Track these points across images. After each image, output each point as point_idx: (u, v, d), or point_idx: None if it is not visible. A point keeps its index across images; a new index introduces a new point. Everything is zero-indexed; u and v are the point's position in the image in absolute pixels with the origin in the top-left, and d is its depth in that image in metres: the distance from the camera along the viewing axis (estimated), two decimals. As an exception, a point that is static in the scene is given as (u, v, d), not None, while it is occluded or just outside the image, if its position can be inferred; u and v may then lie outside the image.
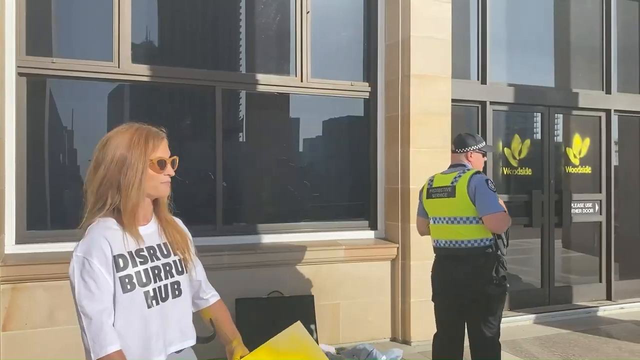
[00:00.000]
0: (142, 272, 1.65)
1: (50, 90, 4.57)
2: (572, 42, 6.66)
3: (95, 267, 1.57)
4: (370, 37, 5.43)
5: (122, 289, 1.60)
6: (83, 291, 1.56)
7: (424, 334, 5.04)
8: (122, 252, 1.63)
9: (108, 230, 1.64)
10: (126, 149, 1.66)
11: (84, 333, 1.56)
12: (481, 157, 3.65)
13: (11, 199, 4.19)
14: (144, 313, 1.63)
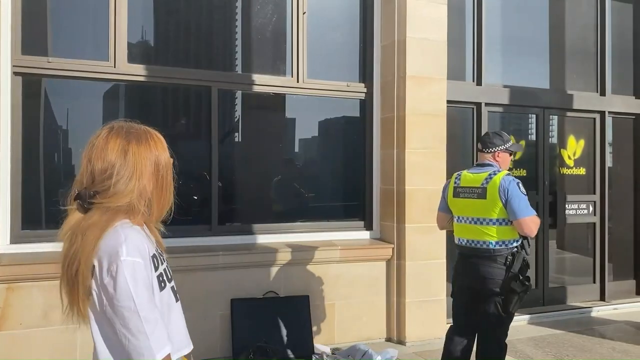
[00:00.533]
0: (166, 268, 1.69)
1: (46, 90, 4.56)
2: (567, 44, 6.69)
3: (145, 269, 1.54)
4: (366, 38, 5.45)
5: (159, 287, 1.62)
6: (141, 296, 1.50)
7: (418, 334, 5.07)
8: (153, 252, 1.63)
9: (138, 232, 1.60)
10: (163, 151, 1.68)
11: (142, 339, 1.49)
12: (508, 157, 3.62)
13: (6, 198, 4.19)
14: (173, 307, 1.68)
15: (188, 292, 4.46)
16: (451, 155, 5.42)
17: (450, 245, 5.41)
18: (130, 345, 1.49)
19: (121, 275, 1.49)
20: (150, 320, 1.51)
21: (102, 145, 1.59)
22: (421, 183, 5.09)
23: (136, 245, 1.54)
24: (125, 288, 1.48)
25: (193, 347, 1.75)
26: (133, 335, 1.49)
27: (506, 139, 3.64)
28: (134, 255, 1.52)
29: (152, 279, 1.58)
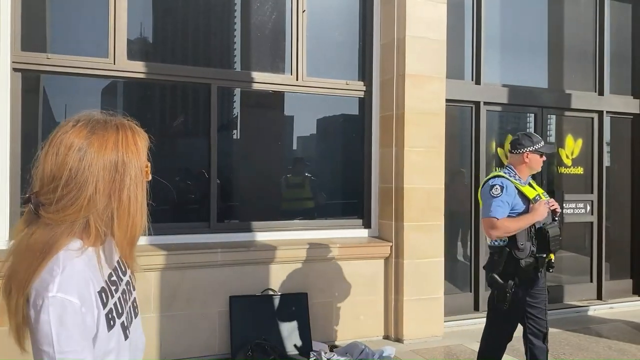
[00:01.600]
0: (117, 301, 1.34)
1: (45, 86, 4.56)
2: (565, 43, 6.70)
3: (79, 311, 1.20)
4: (366, 36, 5.46)
5: (107, 327, 1.28)
6: (67, 344, 1.19)
7: (416, 332, 5.09)
8: (102, 285, 1.29)
9: (88, 258, 1.27)
10: (133, 153, 1.31)
11: None
12: (538, 158, 3.59)
13: (5, 195, 4.19)
14: (122, 346, 1.35)
15: (186, 289, 4.48)
16: (450, 154, 5.43)
17: (447, 244, 5.45)
18: None
19: (44, 314, 1.18)
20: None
21: (59, 142, 1.25)
22: (420, 182, 5.10)
23: (75, 282, 1.21)
24: (47, 330, 1.18)
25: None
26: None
27: (536, 140, 3.62)
28: (68, 293, 1.19)
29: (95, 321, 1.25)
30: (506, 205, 3.46)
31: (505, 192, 3.47)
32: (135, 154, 1.31)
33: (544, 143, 3.63)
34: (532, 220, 3.46)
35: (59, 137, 1.26)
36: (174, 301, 4.45)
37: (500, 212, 3.43)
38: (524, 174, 3.62)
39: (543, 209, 3.46)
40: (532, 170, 3.64)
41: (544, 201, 3.49)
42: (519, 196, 3.52)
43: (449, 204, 5.34)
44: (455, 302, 5.72)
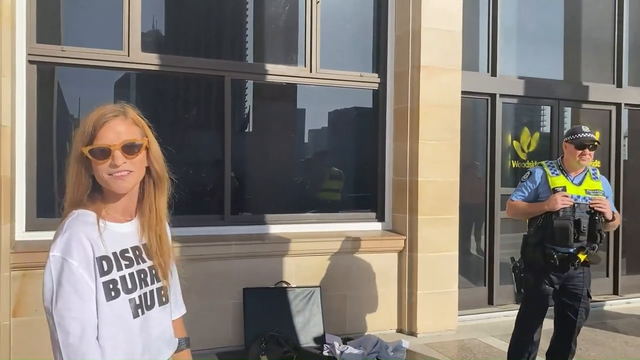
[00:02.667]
0: (127, 276, 1.41)
1: (60, 79, 4.57)
2: (582, 34, 6.59)
3: (76, 270, 1.31)
4: (380, 27, 5.40)
5: (106, 296, 1.35)
6: (62, 300, 1.29)
7: (430, 326, 5.07)
8: (106, 254, 1.38)
9: (88, 226, 1.38)
10: (74, 136, 1.42)
11: (60, 349, 1.29)
12: (573, 149, 3.53)
13: (21, 186, 4.21)
14: (129, 324, 1.40)
15: (201, 281, 4.49)
16: (465, 147, 5.38)
17: (462, 237, 5.41)
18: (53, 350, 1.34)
19: (47, 273, 1.32)
20: (66, 331, 1.29)
21: None
22: (434, 175, 5.06)
23: (74, 244, 1.33)
24: (49, 288, 1.31)
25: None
26: (52, 341, 1.33)
27: (571, 130, 3.63)
28: (67, 254, 1.32)
29: (93, 284, 1.34)
30: (527, 191, 3.63)
31: (529, 179, 3.64)
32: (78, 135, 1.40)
33: (578, 135, 3.55)
34: (541, 208, 3.50)
35: None
36: (188, 293, 4.43)
37: (517, 195, 3.67)
38: (569, 165, 3.59)
39: (555, 200, 3.43)
40: (572, 161, 3.56)
41: (561, 193, 3.46)
42: (546, 185, 3.56)
43: (463, 198, 5.29)
44: (470, 296, 5.68)
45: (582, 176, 3.59)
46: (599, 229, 3.46)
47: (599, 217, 3.46)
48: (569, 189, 3.50)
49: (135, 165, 1.42)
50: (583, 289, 3.56)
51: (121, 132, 1.39)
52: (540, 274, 3.54)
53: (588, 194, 3.52)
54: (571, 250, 3.48)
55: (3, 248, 3.80)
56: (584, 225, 3.44)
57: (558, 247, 3.47)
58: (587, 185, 3.56)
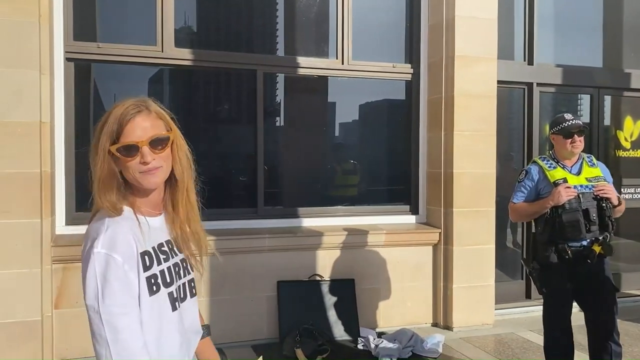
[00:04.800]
0: (165, 270, 1.43)
1: (96, 75, 4.65)
2: (623, 19, 6.35)
3: (122, 266, 1.31)
4: (413, 17, 5.31)
5: (149, 291, 1.36)
6: (110, 296, 1.29)
7: (466, 320, 5.00)
8: (147, 248, 1.39)
9: (129, 222, 1.38)
10: (97, 133, 1.38)
11: (107, 345, 1.28)
12: (561, 139, 3.42)
13: (61, 181, 4.32)
14: (169, 317, 1.43)
15: (234, 274, 4.52)
16: (501, 137, 5.26)
17: (498, 230, 5.30)
18: (95, 347, 1.32)
19: (91, 269, 1.30)
20: (115, 328, 1.29)
21: None
22: (469, 166, 4.96)
23: (118, 240, 1.33)
24: (93, 284, 1.30)
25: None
26: (95, 339, 1.31)
27: (560, 120, 3.46)
28: (111, 250, 1.31)
29: (139, 280, 1.35)
30: (526, 190, 3.50)
31: (526, 177, 3.50)
32: (104, 133, 1.37)
33: (566, 124, 3.40)
34: (546, 204, 3.34)
35: None
36: (223, 286, 4.50)
37: (518, 196, 3.52)
38: (562, 156, 3.46)
39: (559, 193, 3.27)
40: (564, 152, 3.43)
41: (564, 185, 3.30)
42: (546, 180, 3.42)
43: (499, 189, 5.17)
44: (506, 289, 5.57)
45: (579, 165, 3.45)
46: (608, 216, 3.32)
47: (606, 204, 3.31)
48: (569, 180, 3.35)
49: (163, 159, 1.41)
50: (607, 283, 3.41)
51: (147, 128, 1.38)
52: (557, 272, 3.39)
53: (590, 182, 3.37)
54: (584, 243, 3.33)
55: (45, 242, 3.90)
56: (594, 214, 3.29)
57: (570, 242, 3.32)
58: (587, 173, 3.41)
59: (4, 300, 3.79)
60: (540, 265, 3.46)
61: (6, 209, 3.79)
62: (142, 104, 1.40)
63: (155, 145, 1.38)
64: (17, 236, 3.81)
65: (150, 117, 1.40)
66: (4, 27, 3.77)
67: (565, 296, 3.44)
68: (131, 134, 1.36)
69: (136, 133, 1.36)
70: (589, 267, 3.35)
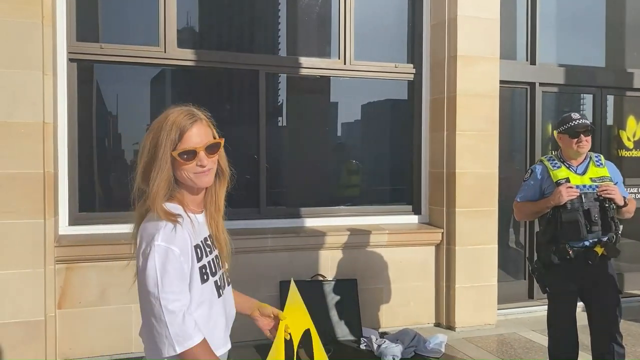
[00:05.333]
0: (211, 261, 1.63)
1: (99, 76, 4.66)
2: (626, 19, 6.34)
3: (179, 258, 1.49)
4: (415, 17, 5.32)
5: (201, 280, 1.56)
6: (168, 284, 1.47)
7: (468, 320, 5.00)
8: (198, 242, 1.58)
9: (183, 219, 1.56)
10: (155, 139, 1.55)
11: (167, 328, 1.47)
12: (567, 139, 3.39)
13: (64, 181, 4.32)
14: (215, 303, 1.63)
15: (237, 274, 4.48)
16: (503, 137, 5.25)
17: (501, 230, 5.30)
18: (154, 329, 1.49)
19: (151, 260, 1.47)
20: (172, 312, 1.46)
21: None
22: (472, 166, 4.96)
23: (176, 235, 1.50)
24: (152, 274, 1.47)
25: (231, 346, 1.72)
26: (156, 322, 1.48)
27: (566, 119, 3.43)
28: (170, 243, 1.49)
29: (190, 270, 1.53)
30: (530, 189, 3.50)
31: (531, 176, 3.52)
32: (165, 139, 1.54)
33: (571, 124, 3.37)
34: (547, 203, 3.33)
35: None
36: (226, 286, 4.50)
37: (522, 195, 3.53)
38: (568, 155, 3.44)
39: (560, 193, 3.25)
40: (570, 151, 3.41)
41: (565, 185, 3.28)
42: (549, 179, 3.41)
43: (502, 189, 5.17)
44: (509, 289, 5.56)
45: (585, 164, 3.42)
46: (611, 217, 3.27)
47: (610, 204, 3.27)
48: (572, 180, 3.32)
49: (214, 162, 1.63)
50: (610, 284, 3.37)
51: (202, 135, 1.58)
52: (560, 272, 3.37)
53: (594, 182, 3.33)
54: (586, 244, 3.30)
55: (48, 242, 3.91)
56: (595, 215, 3.25)
57: (572, 242, 3.30)
58: (592, 173, 3.38)
59: (7, 300, 3.80)
60: (542, 265, 3.45)
61: (10, 209, 3.80)
62: (194, 114, 1.61)
63: (210, 150, 1.60)
64: (21, 236, 3.82)
65: (203, 125, 1.61)
66: (7, 28, 3.78)
67: (569, 296, 3.42)
68: (190, 140, 1.55)
69: (194, 140, 1.56)
70: (592, 268, 3.33)
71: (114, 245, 4.18)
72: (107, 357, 4.21)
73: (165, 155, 1.53)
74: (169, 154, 1.53)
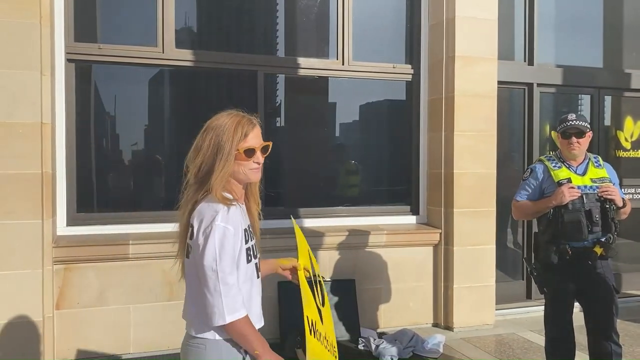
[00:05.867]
0: (252, 246, 1.88)
1: (96, 76, 4.66)
2: (624, 19, 6.35)
3: (233, 237, 1.75)
4: (413, 17, 5.32)
5: (247, 259, 1.83)
6: (225, 260, 1.72)
7: (466, 320, 5.00)
8: (246, 227, 1.85)
9: (236, 205, 1.82)
10: (220, 137, 1.80)
11: (220, 296, 1.70)
12: (561, 139, 3.43)
13: (62, 182, 4.32)
14: (255, 283, 1.89)
15: (236, 274, 4.52)
16: (501, 138, 5.26)
17: (499, 230, 5.31)
18: (206, 301, 1.72)
19: (212, 238, 1.71)
20: (227, 284, 1.71)
21: None
22: (470, 167, 4.97)
23: (231, 215, 1.76)
24: (212, 250, 1.71)
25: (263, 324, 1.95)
26: (210, 293, 1.71)
27: (563, 119, 3.45)
28: (227, 223, 1.73)
29: (240, 249, 1.78)
30: (530, 188, 3.50)
31: (531, 175, 3.52)
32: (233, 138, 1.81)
33: (567, 124, 3.38)
34: (549, 203, 3.34)
35: None
36: (224, 286, 4.50)
37: (521, 194, 3.53)
38: (566, 157, 3.45)
39: (562, 193, 3.26)
40: (565, 152, 3.43)
41: (567, 185, 3.29)
42: (550, 179, 3.41)
43: (500, 190, 5.18)
44: (507, 290, 5.57)
45: (585, 165, 3.43)
46: (612, 217, 3.29)
47: (610, 205, 3.29)
48: (574, 180, 3.33)
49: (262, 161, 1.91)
50: (606, 284, 3.37)
51: (259, 137, 1.88)
52: (558, 272, 3.39)
53: (594, 183, 3.34)
54: (586, 244, 3.31)
55: (46, 242, 3.90)
56: (596, 215, 3.26)
57: (572, 242, 3.30)
58: (592, 174, 3.39)
59: (5, 301, 3.80)
60: (541, 265, 3.46)
61: (7, 210, 3.79)
62: (252, 119, 1.89)
63: (263, 151, 1.89)
64: (19, 237, 3.81)
65: (258, 129, 1.89)
66: (5, 28, 3.78)
67: (567, 296, 3.43)
68: (252, 141, 1.84)
69: (254, 141, 1.85)
70: (590, 268, 3.34)
71: (112, 245, 4.18)
72: (106, 357, 4.21)
73: (231, 151, 1.79)
74: (234, 150, 1.79)
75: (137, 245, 4.24)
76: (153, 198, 4.83)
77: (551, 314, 3.53)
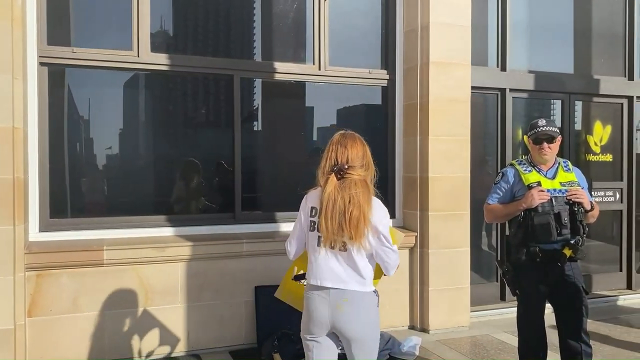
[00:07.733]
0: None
1: (70, 80, 4.60)
2: (593, 27, 6.52)
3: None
4: (389, 23, 5.38)
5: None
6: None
7: (442, 322, 5.06)
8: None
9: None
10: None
11: (393, 257, 2.64)
12: (532, 144, 3.50)
13: (35, 187, 4.25)
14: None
15: (213, 279, 4.51)
16: (475, 142, 5.35)
17: (473, 233, 5.38)
18: (385, 262, 2.64)
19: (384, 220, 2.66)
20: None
21: (350, 142, 2.85)
22: (445, 170, 5.04)
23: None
24: (386, 221, 2.67)
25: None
26: (387, 256, 2.64)
27: (534, 125, 3.53)
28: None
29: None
30: (501, 192, 3.57)
31: (502, 179, 3.59)
32: None
33: (538, 129, 3.47)
34: (519, 206, 3.40)
35: (344, 139, 2.90)
36: (201, 291, 4.48)
37: (493, 197, 3.61)
38: (536, 160, 3.53)
39: (532, 196, 3.33)
40: (536, 156, 3.51)
41: (537, 188, 3.37)
42: (521, 183, 3.48)
43: (474, 193, 5.26)
44: (482, 292, 5.66)
45: (554, 169, 3.52)
46: (580, 220, 3.38)
47: (579, 208, 3.38)
48: (543, 184, 3.41)
49: None
50: (576, 286, 3.45)
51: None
52: (530, 274, 3.46)
53: (563, 186, 3.43)
54: (556, 246, 3.39)
55: (17, 249, 3.83)
56: (565, 218, 3.35)
57: (542, 244, 3.38)
58: (561, 178, 3.47)
59: (-25, 309, 3.71)
60: (513, 267, 3.53)
61: (-22, 216, 3.71)
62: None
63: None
64: (-11, 243, 3.74)
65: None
66: (-24, 31, 3.70)
67: (538, 298, 3.50)
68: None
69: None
70: (560, 270, 3.42)
71: (86, 251, 4.13)
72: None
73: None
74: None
75: (112, 251, 4.19)
76: (128, 203, 4.78)
77: (524, 315, 3.59)
